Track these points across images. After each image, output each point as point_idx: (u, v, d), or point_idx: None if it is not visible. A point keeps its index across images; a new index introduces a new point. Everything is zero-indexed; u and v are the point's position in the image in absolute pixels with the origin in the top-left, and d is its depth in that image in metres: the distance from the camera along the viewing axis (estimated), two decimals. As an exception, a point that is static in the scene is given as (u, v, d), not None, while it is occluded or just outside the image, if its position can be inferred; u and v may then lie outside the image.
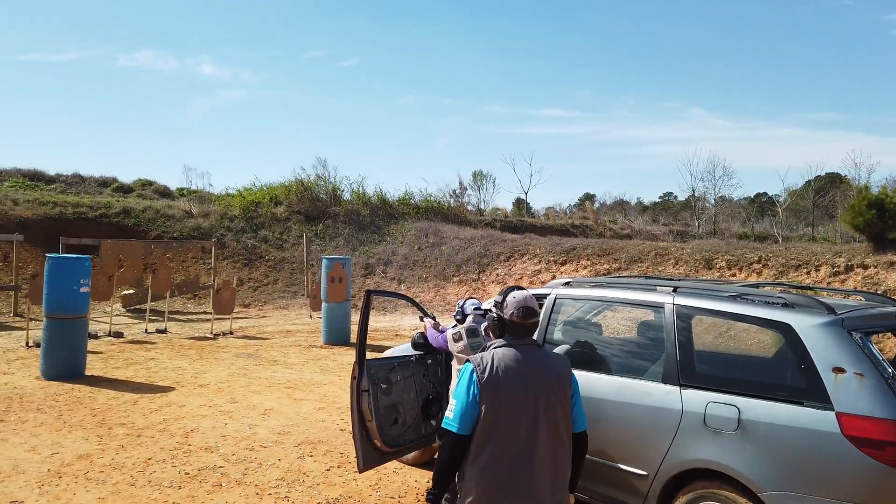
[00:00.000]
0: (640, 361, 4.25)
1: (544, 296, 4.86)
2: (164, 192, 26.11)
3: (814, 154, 72.28)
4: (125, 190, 25.33)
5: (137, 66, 67.31)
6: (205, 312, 17.11)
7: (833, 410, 3.22)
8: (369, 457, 4.55)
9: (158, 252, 17.28)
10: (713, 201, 40.21)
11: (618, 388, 4.09)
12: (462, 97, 71.17)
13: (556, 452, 2.76)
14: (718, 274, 13.67)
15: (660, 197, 57.31)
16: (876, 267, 11.61)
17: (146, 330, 13.85)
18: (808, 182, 38.87)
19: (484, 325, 4.41)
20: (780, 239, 26.29)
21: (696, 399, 3.69)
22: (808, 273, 12.35)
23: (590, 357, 4.55)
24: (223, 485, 5.05)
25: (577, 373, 4.35)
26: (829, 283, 11.88)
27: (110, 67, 64.88)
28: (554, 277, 17.01)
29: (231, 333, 13.80)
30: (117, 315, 15.97)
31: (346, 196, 25.54)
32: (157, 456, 5.70)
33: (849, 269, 11.90)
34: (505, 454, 2.67)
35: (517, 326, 2.83)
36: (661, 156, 73.23)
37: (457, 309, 4.72)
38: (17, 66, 63.28)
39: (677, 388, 3.80)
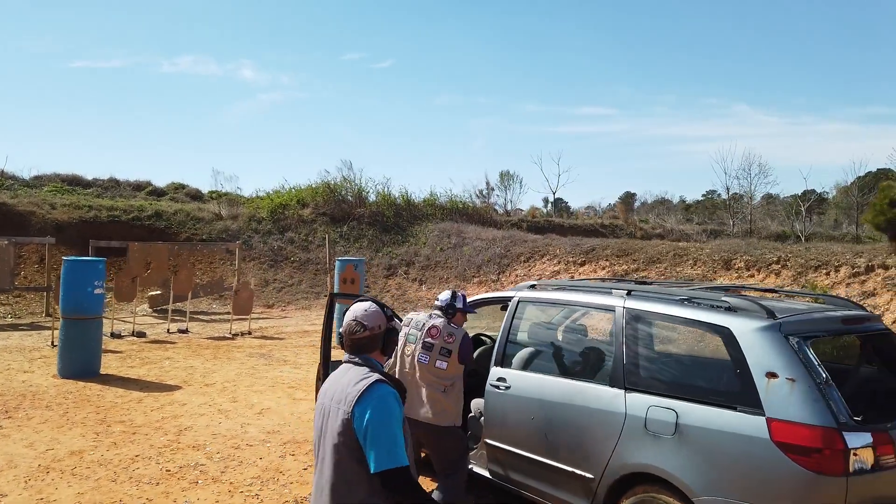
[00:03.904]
0: (592, 365, 4.25)
1: (509, 298, 4.90)
2: (196, 196, 26.73)
3: (867, 149, 69.89)
4: (158, 193, 26.00)
5: (180, 71, 68.96)
6: (228, 313, 17.46)
7: (764, 416, 3.20)
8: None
9: (184, 254, 17.72)
10: (757, 199, 39.53)
11: (570, 391, 4.10)
12: (498, 96, 71.04)
13: (332, 486, 2.45)
14: (737, 275, 13.42)
15: (702, 195, 56.24)
16: (897, 267, 11.27)
17: (168, 330, 14.22)
18: (859, 178, 37.87)
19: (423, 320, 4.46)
20: (803, 238, 25.72)
21: (639, 403, 3.69)
22: (827, 274, 12.04)
23: (548, 360, 4.58)
24: (199, 482, 5.21)
25: (535, 376, 4.40)
26: (848, 283, 11.57)
27: (154, 73, 66.64)
28: (573, 278, 16.92)
29: (249, 333, 14.09)
30: (144, 315, 16.45)
31: (372, 198, 25.78)
32: (144, 453, 5.90)
33: (869, 269, 11.56)
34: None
35: (344, 342, 2.65)
36: (704, 153, 72.11)
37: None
38: (66, 73, 65.45)
39: (622, 391, 3.80)
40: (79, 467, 5.48)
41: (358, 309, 2.63)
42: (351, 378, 2.50)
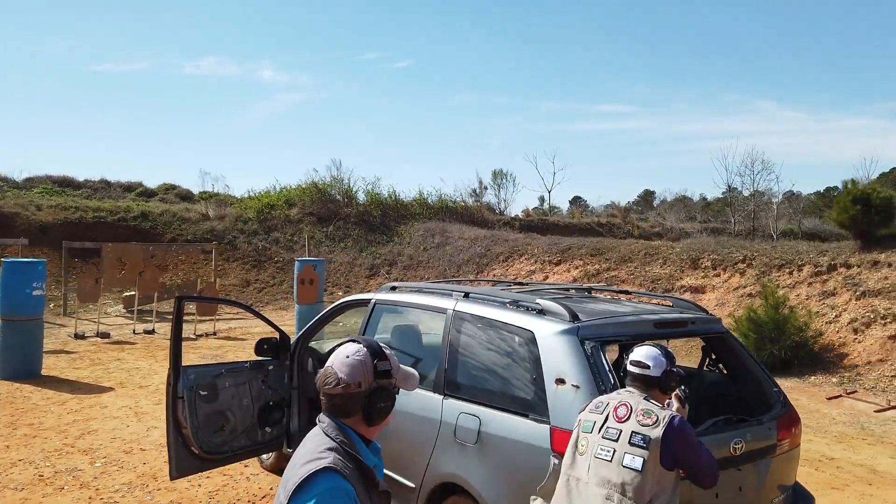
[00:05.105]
0: (429, 369, 4.10)
1: (367, 301, 4.77)
2: (186, 196, 26.85)
3: (889, 146, 68.30)
4: (149, 194, 26.15)
5: (201, 73, 69.39)
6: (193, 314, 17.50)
7: (549, 424, 3.04)
8: (184, 464, 4.53)
9: (159, 254, 17.76)
10: (779, 197, 39.14)
11: (403, 397, 3.96)
12: (515, 95, 70.55)
13: None
14: (703, 273, 13.17)
15: (723, 192, 55.39)
16: (859, 266, 10.95)
17: (134, 331, 14.24)
18: (883, 174, 37.38)
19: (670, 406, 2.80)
20: (774, 237, 25.58)
21: (453, 409, 3.55)
22: (790, 273, 11.75)
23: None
24: (65, 488, 5.14)
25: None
26: (809, 283, 11.28)
27: (177, 75, 67.13)
28: (547, 277, 16.74)
29: (214, 334, 14.06)
30: (118, 316, 16.53)
31: (361, 197, 25.73)
32: (30, 457, 5.84)
33: (832, 268, 11.25)
34: None
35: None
36: (726, 150, 70.99)
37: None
38: (89, 76, 66.08)
39: (441, 397, 3.66)
40: (-46, 472, 5.43)
41: (340, 353, 1.92)
42: (305, 451, 1.82)
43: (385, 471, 3.96)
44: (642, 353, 2.79)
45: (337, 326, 6.55)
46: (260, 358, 5.22)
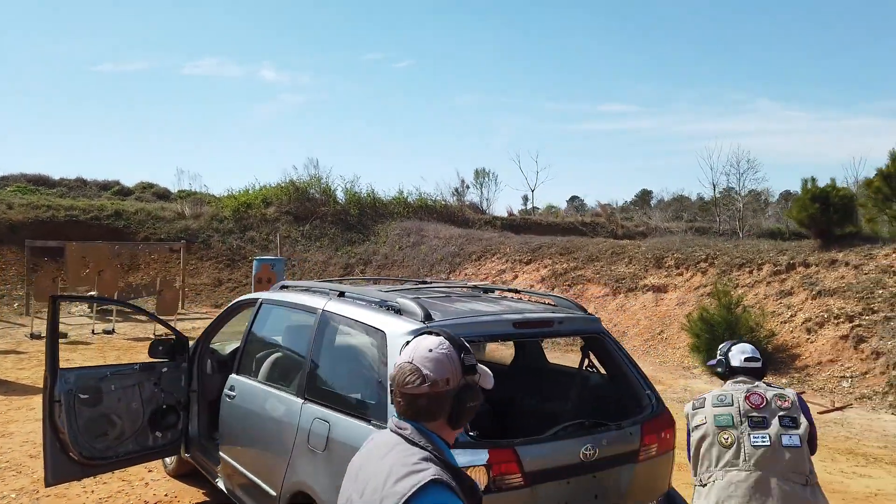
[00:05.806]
0: (296, 372, 3.93)
1: (255, 300, 4.60)
2: (163, 195, 26.63)
3: (883, 145, 68.08)
4: (125, 193, 25.94)
5: (201, 73, 68.93)
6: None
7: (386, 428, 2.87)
8: (62, 470, 4.37)
9: (125, 253, 17.58)
10: (776, 197, 39.17)
11: (270, 400, 3.81)
12: (517, 95, 70.08)
13: None
14: (665, 273, 13.02)
15: (720, 192, 55.28)
16: (817, 265, 10.81)
17: (93, 331, 14.03)
18: (880, 170, 37.38)
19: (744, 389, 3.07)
20: (741, 235, 25.67)
21: (309, 414, 3.38)
22: (750, 272, 11.61)
23: (272, 367, 4.27)
24: (-49, 493, 4.96)
25: (252, 384, 4.09)
26: (768, 282, 11.14)
27: (176, 75, 66.72)
28: (516, 277, 16.59)
29: (174, 334, 13.88)
30: (81, 316, 16.30)
31: (340, 195, 25.54)
32: (-71, 461, 5.66)
33: (790, 267, 11.11)
34: None
35: (392, 395, 1.73)
36: (711, 149, 71.02)
37: (718, 356, 3.27)
38: (89, 76, 65.66)
39: (301, 401, 3.49)
40: None
41: (421, 346, 1.67)
42: (392, 465, 1.57)
43: (250, 476, 3.82)
44: (748, 349, 3.18)
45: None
46: (153, 359, 5.06)
